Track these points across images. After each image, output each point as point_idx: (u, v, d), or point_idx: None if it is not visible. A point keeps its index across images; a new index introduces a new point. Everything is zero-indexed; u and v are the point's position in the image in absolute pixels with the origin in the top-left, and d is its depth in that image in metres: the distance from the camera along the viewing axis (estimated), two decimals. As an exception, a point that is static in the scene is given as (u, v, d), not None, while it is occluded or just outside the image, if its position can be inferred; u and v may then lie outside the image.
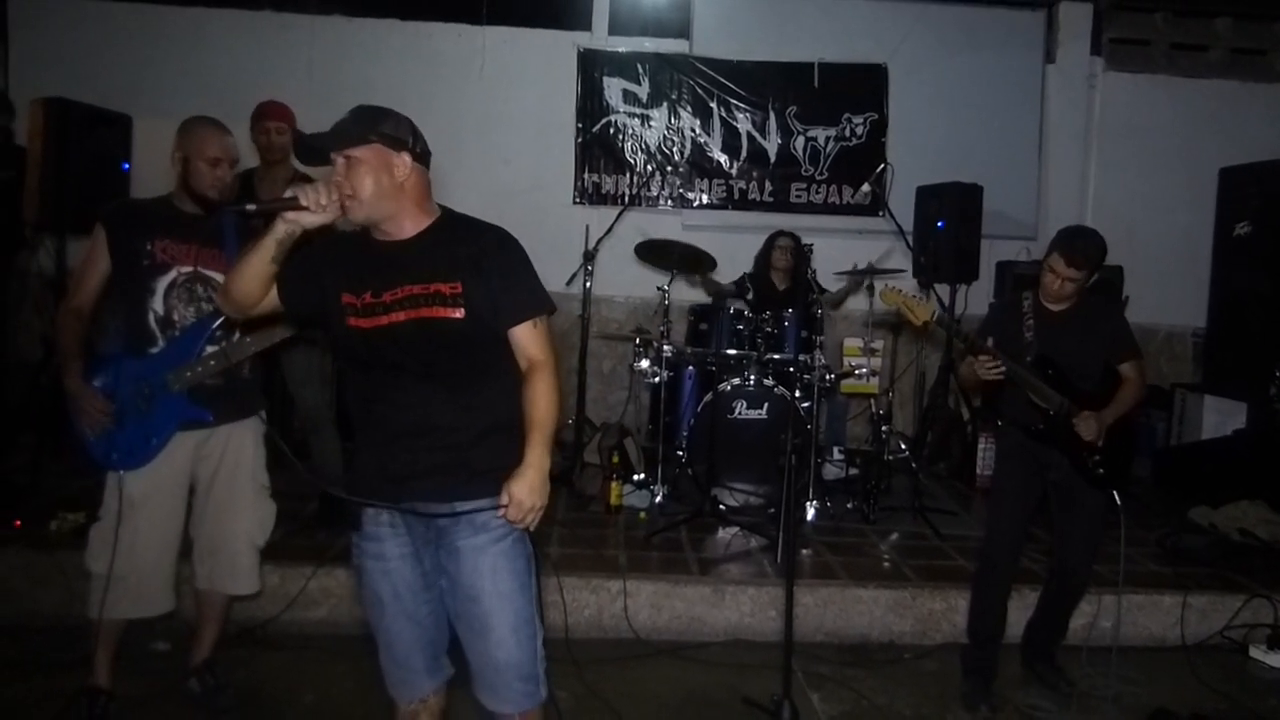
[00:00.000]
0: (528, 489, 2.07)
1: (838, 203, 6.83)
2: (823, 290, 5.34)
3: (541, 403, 2.13)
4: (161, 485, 2.99)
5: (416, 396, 2.13)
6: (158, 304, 2.96)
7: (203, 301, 3.01)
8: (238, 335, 3.03)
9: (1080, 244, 3.28)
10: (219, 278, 3.00)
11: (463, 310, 2.08)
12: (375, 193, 2.07)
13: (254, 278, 2.16)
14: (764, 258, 5.91)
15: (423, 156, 2.17)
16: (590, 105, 6.73)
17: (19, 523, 4.11)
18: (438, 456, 2.14)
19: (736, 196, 6.82)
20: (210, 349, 2.99)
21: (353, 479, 2.25)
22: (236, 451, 3.12)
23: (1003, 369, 3.28)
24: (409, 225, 2.14)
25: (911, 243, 5.85)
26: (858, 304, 5.79)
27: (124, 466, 2.94)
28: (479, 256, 2.11)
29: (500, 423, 2.17)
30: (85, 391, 2.92)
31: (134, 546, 2.94)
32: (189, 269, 2.99)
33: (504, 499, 2.07)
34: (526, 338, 2.16)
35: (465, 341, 2.11)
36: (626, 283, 6.49)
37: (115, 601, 2.94)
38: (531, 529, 2.15)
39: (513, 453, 2.11)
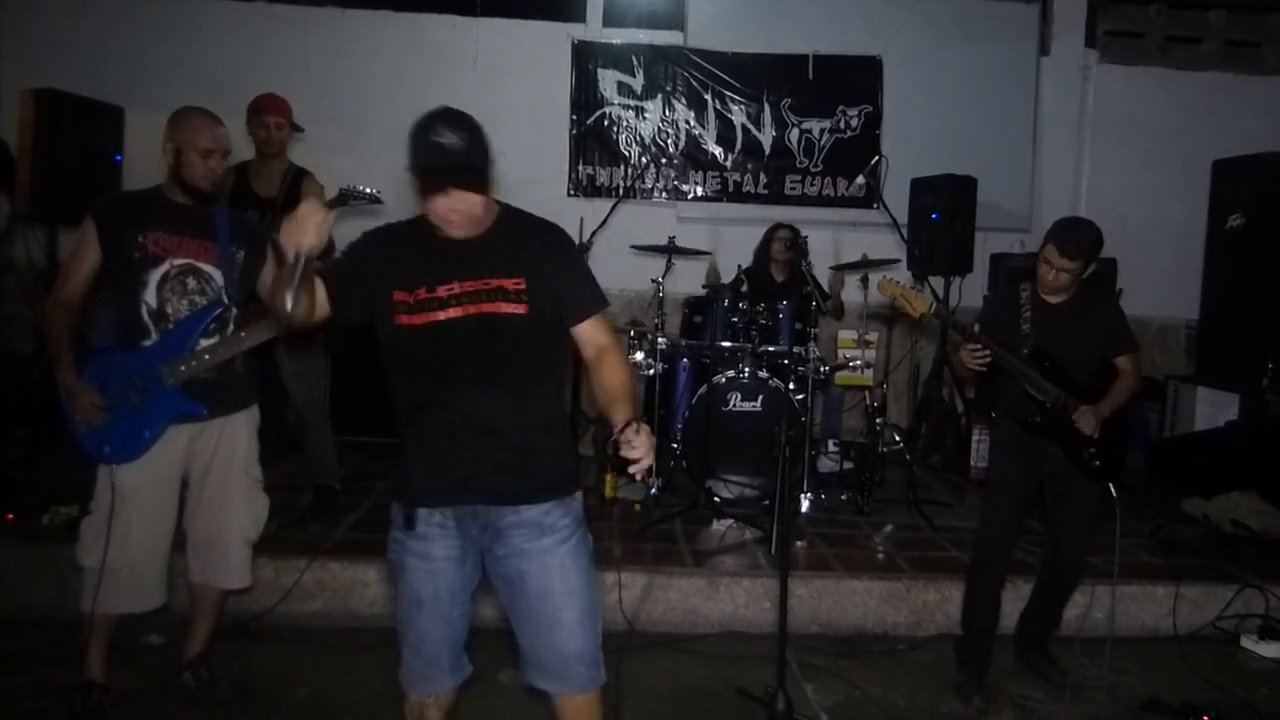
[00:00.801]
0: (646, 435, 2.05)
1: (832, 195, 6.83)
2: (824, 295, 5.32)
3: (622, 371, 2.20)
4: (154, 478, 2.98)
5: (471, 396, 2.13)
6: (150, 297, 2.94)
7: (195, 294, 3.00)
8: (231, 329, 3.03)
9: (1074, 234, 3.28)
10: (211, 270, 3.01)
11: (526, 306, 2.11)
12: (480, 216, 2.12)
13: None
14: (764, 251, 5.92)
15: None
16: (585, 97, 6.71)
17: (11, 516, 4.10)
18: (500, 457, 2.14)
19: (731, 189, 6.81)
20: (205, 343, 2.98)
21: (409, 480, 2.22)
22: (230, 445, 3.11)
23: (989, 357, 3.28)
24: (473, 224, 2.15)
25: (906, 235, 5.86)
26: (852, 296, 5.79)
27: (116, 460, 2.92)
28: (542, 253, 2.16)
29: (554, 420, 2.24)
30: (78, 384, 2.90)
31: (126, 540, 2.93)
32: (182, 261, 2.98)
33: (630, 435, 2.02)
34: (593, 329, 2.23)
35: (523, 338, 2.13)
36: (621, 275, 6.47)
37: (108, 595, 2.94)
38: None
39: (569, 452, 2.23)
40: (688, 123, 6.77)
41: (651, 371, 5.15)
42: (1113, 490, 3.39)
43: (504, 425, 2.14)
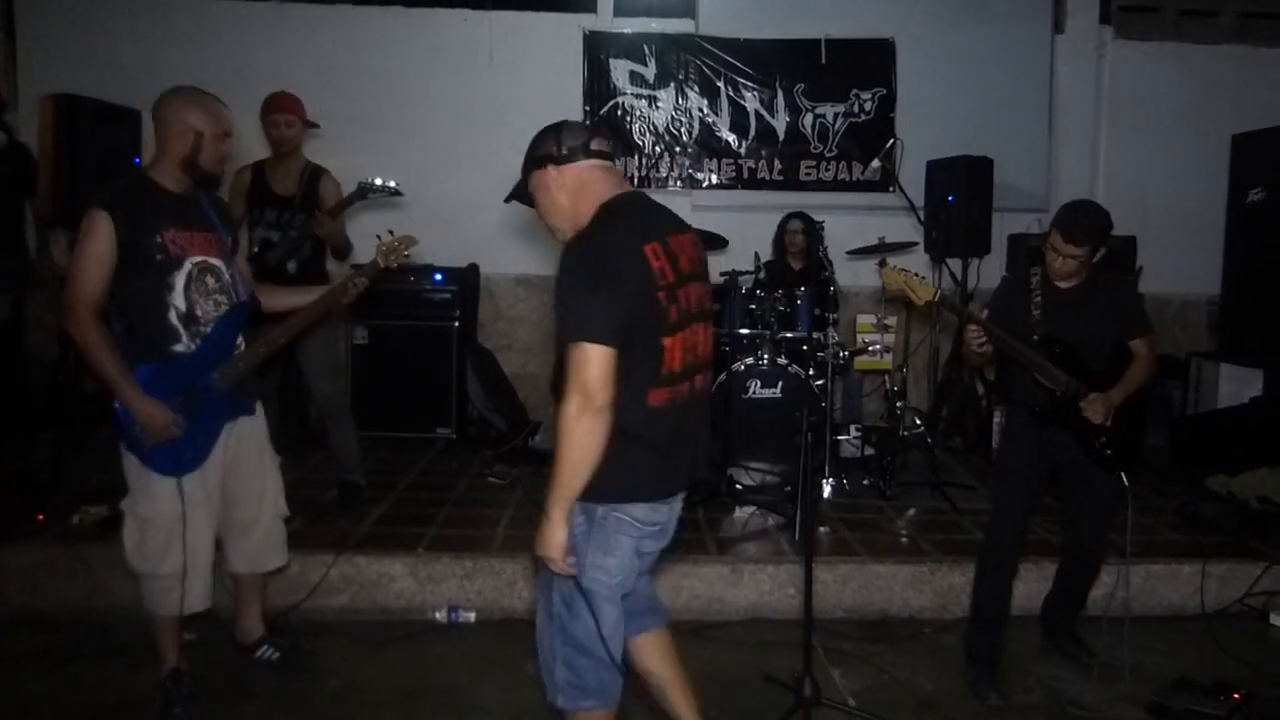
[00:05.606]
0: (538, 539, 2.16)
1: (848, 179, 6.79)
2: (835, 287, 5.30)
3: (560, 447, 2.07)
4: (211, 481, 3.02)
5: None
6: (179, 300, 2.85)
7: (217, 293, 2.94)
8: (264, 326, 3.09)
9: (1079, 220, 3.21)
10: (222, 265, 2.96)
11: None
12: (550, 216, 2.29)
13: None
14: (779, 241, 5.91)
15: (569, 156, 2.23)
16: (597, 88, 6.70)
17: (42, 517, 4.15)
18: None
19: (746, 176, 6.79)
20: (241, 341, 3.05)
21: None
22: (253, 432, 3.16)
23: (989, 342, 3.25)
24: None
25: (923, 218, 5.83)
26: (870, 280, 5.77)
27: (188, 470, 2.91)
28: None
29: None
30: (149, 405, 2.78)
31: (196, 546, 2.93)
32: (198, 259, 2.90)
33: None
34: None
35: None
36: (637, 265, 6.47)
37: (185, 599, 2.95)
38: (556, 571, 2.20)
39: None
40: (701, 111, 6.75)
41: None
42: (1125, 479, 3.34)
43: None
